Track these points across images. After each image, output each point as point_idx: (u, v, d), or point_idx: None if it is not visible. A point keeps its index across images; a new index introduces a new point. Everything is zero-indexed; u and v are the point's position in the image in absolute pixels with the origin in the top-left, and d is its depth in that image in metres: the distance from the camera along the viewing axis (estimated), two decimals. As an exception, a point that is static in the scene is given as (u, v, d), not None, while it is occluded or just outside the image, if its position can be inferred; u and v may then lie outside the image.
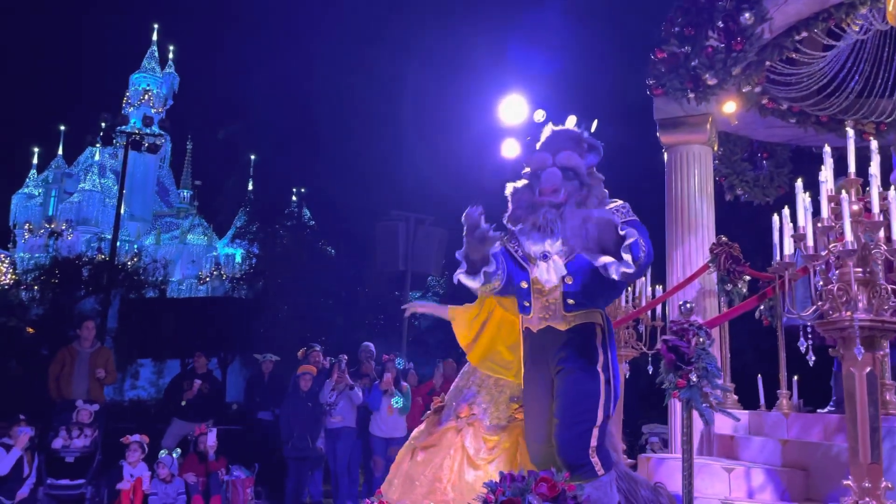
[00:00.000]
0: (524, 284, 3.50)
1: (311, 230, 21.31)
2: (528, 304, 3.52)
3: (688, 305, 3.71)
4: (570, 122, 3.57)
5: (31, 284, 20.22)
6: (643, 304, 5.56)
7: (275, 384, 8.88)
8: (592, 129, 3.55)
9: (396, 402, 7.77)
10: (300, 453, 7.65)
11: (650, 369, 4.89)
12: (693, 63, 6.09)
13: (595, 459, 3.33)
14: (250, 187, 30.43)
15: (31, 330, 17.90)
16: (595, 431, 3.33)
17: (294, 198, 24.01)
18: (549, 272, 3.37)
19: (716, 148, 6.92)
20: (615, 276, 2.98)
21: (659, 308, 5.67)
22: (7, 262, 31.39)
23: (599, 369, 3.37)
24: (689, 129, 6.53)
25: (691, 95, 6.22)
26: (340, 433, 7.91)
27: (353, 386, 7.87)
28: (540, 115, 3.62)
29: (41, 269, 20.29)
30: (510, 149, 11.85)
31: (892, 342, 3.65)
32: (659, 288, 5.73)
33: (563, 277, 3.38)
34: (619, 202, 3.46)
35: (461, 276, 3.39)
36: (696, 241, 6.38)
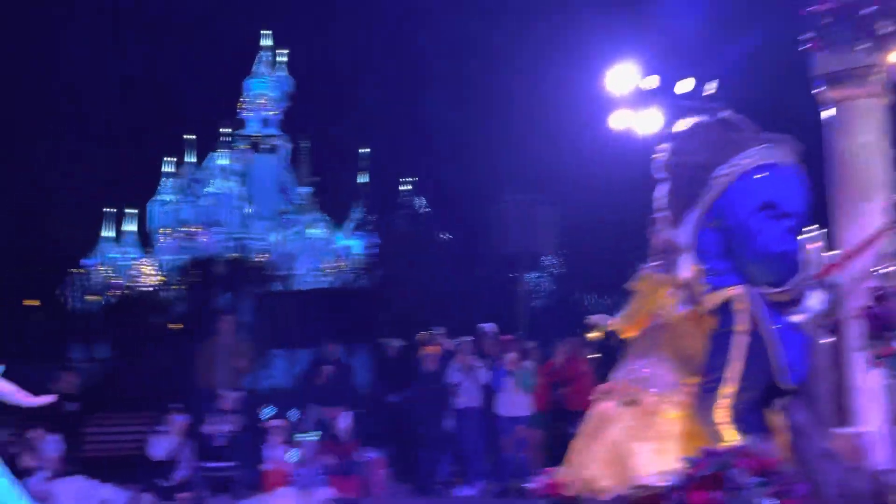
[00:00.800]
0: None
1: (426, 217, 21.64)
2: None
3: (888, 269, 3.44)
4: (686, 86, 3.42)
5: (174, 284, 21.85)
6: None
7: (401, 368, 9.11)
8: (709, 92, 3.39)
9: (520, 382, 7.76)
10: (431, 433, 7.83)
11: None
12: (865, 11, 5.55)
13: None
14: (366, 179, 31.31)
15: (175, 326, 19.36)
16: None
17: (408, 187, 24.46)
18: None
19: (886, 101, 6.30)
20: None
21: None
22: (151, 265, 34.13)
23: None
24: (856, 82, 5.96)
25: (862, 46, 5.67)
26: (466, 413, 8.01)
27: (477, 366, 7.95)
28: (650, 82, 3.52)
29: (181, 269, 21.90)
30: (619, 120, 11.40)
31: None
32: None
33: None
34: None
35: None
36: (870, 204, 5.81)
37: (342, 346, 9.88)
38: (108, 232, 36.79)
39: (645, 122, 10.82)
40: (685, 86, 9.00)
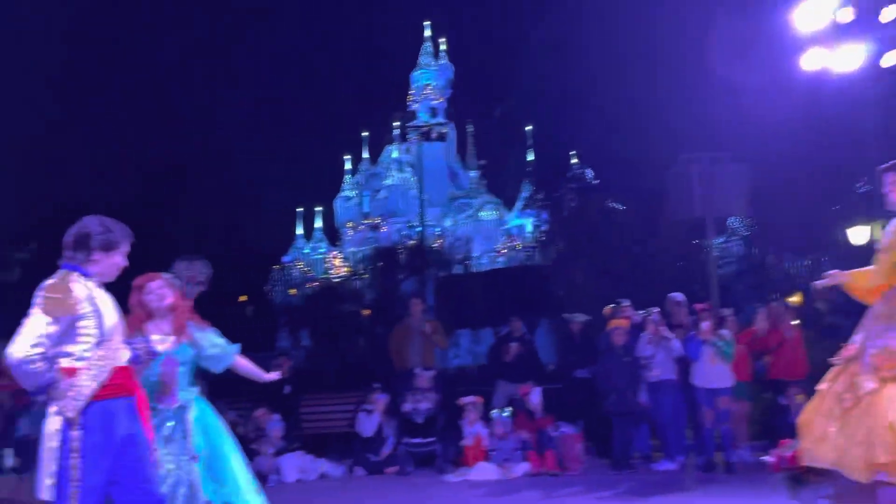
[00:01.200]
0: None
1: (596, 190, 21.13)
2: None
3: None
4: (893, 12, 3.03)
5: (362, 274, 23.25)
6: None
7: (586, 342, 9.03)
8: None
9: (719, 352, 7.38)
10: (622, 408, 7.69)
11: None
12: None
13: None
14: (531, 157, 31.21)
15: (367, 312, 20.61)
16: None
17: (575, 160, 24.02)
18: None
19: None
20: None
21: None
22: (340, 257, 36.58)
23: None
24: None
25: None
26: (661, 386, 7.77)
27: (670, 338, 7.67)
28: (846, 14, 3.15)
29: (367, 259, 23.25)
30: (812, 60, 10.37)
31: None
32: None
33: None
34: None
35: None
36: None
37: (522, 323, 9.96)
38: (300, 230, 40.01)
39: (843, 60, 9.75)
40: (892, 12, 8.00)
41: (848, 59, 9.50)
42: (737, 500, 6.06)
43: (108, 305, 3.07)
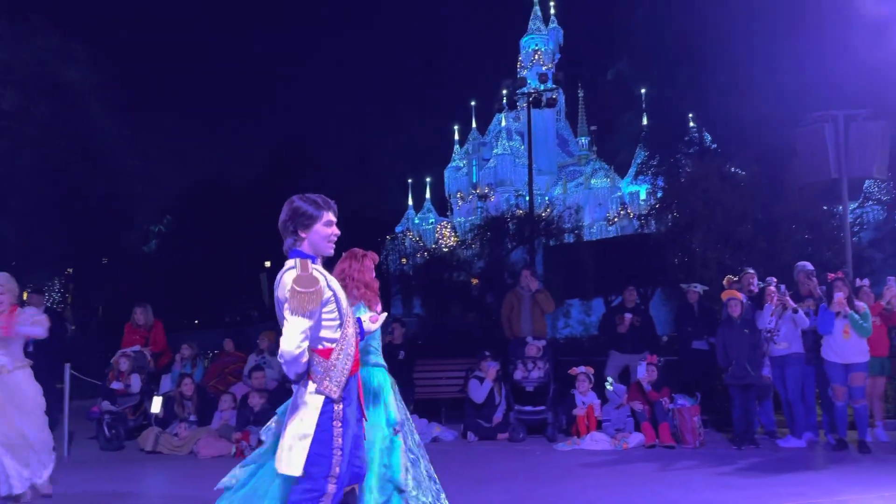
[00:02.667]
0: None
1: (714, 154, 20.10)
2: None
3: None
4: None
5: (471, 243, 23.40)
6: None
7: (704, 313, 8.71)
8: None
9: (854, 324, 6.90)
10: (741, 381, 7.38)
11: None
12: None
13: None
14: (645, 122, 30.02)
15: (475, 281, 20.78)
16: None
17: (692, 123, 22.88)
18: None
19: None
20: None
21: None
22: (449, 227, 37.02)
23: None
24: None
25: None
26: (787, 360, 7.39)
27: (796, 309, 7.25)
28: None
29: (476, 228, 23.37)
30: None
31: None
32: None
33: None
34: None
35: None
36: None
37: (639, 292, 9.73)
38: (410, 201, 40.82)
39: None
40: None
41: None
42: (869, 482, 5.69)
43: (337, 285, 3.10)
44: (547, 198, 35.48)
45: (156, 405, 8.34)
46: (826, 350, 7.12)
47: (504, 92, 21.25)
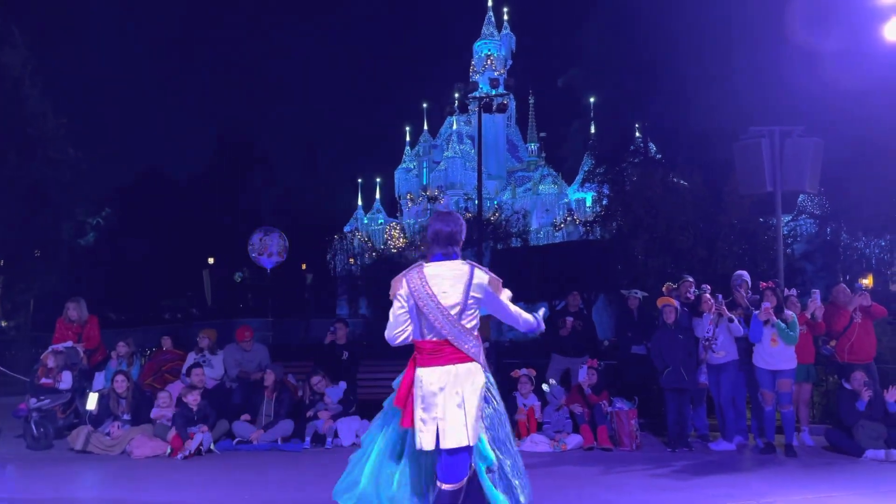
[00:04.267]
0: None
1: (659, 164, 20.62)
2: None
3: None
4: None
5: (420, 245, 23.44)
6: None
7: (644, 319, 8.91)
8: None
9: (781, 333, 7.17)
10: (675, 384, 7.58)
11: None
12: None
13: None
14: (593, 130, 30.61)
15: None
16: None
17: (638, 133, 23.44)
18: None
19: None
20: None
21: None
22: (398, 228, 36.97)
23: None
24: None
25: None
26: (724, 367, 7.65)
27: (731, 318, 7.50)
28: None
29: (425, 230, 23.41)
30: (895, 30, 9.79)
31: None
32: None
33: None
34: None
35: None
36: None
37: (582, 297, 9.88)
38: (360, 201, 40.56)
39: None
40: None
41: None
42: (795, 484, 5.93)
43: None
44: (496, 202, 35.79)
45: (91, 402, 8.05)
46: (756, 357, 7.39)
47: (456, 95, 21.34)
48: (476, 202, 23.39)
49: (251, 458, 7.44)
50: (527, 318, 3.84)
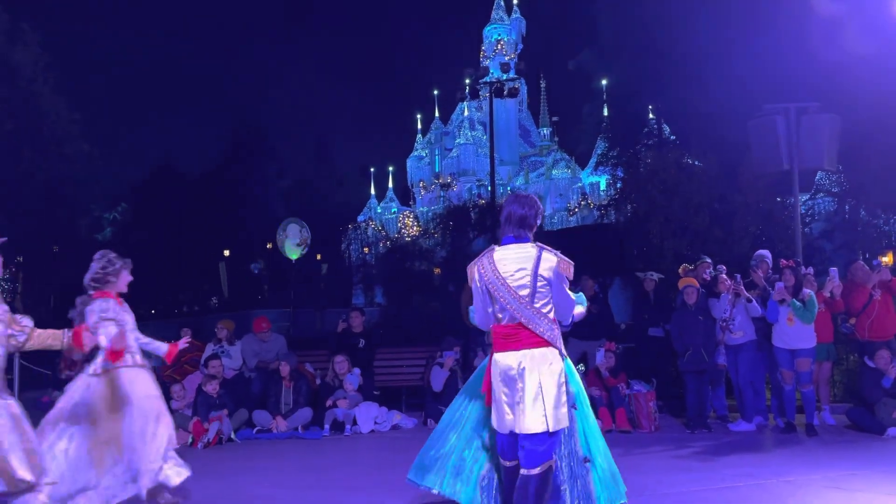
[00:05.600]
0: None
1: (673, 145, 20.44)
2: None
3: None
4: None
5: (433, 233, 23.44)
6: None
7: (660, 301, 8.87)
8: None
9: (798, 312, 7.10)
10: (696, 366, 7.55)
11: None
12: None
13: None
14: (606, 113, 30.39)
15: (438, 271, 20.82)
16: None
17: (651, 115, 23.23)
18: None
19: None
20: None
21: None
22: (412, 216, 37.00)
23: None
24: None
25: None
26: (742, 347, 7.60)
27: (749, 298, 7.44)
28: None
29: (439, 218, 23.39)
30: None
31: None
32: None
33: None
34: None
35: None
36: None
37: (596, 283, 9.84)
38: (373, 190, 40.60)
39: (949, -1, 8.96)
40: None
41: (956, -3, 8.77)
42: (815, 463, 5.89)
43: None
44: (509, 188, 35.69)
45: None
46: (774, 337, 7.33)
47: (467, 81, 21.25)
48: (489, 188, 23.33)
49: (271, 445, 7.52)
50: (580, 312, 3.85)
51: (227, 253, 29.88)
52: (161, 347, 5.19)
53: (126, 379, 4.80)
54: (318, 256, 28.91)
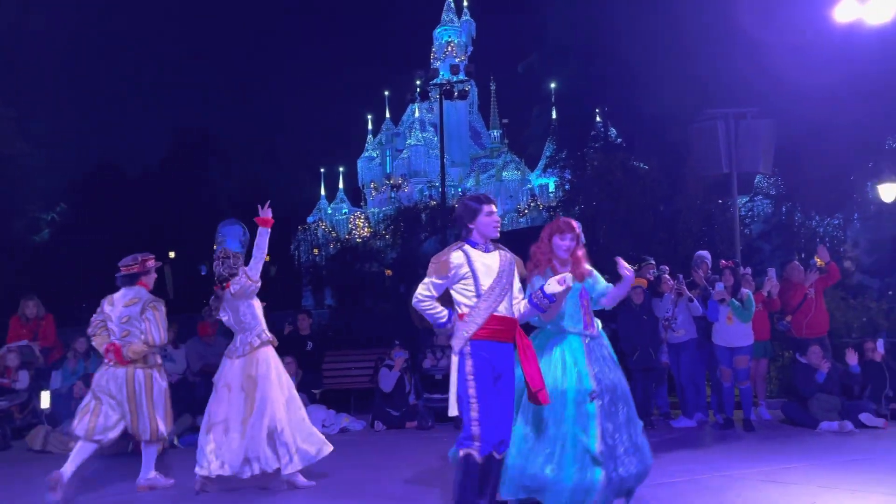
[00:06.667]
0: None
1: (619, 148, 20.84)
2: None
3: None
4: None
5: (383, 234, 23.37)
6: None
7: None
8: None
9: (737, 311, 7.34)
10: (644, 365, 7.72)
11: None
12: None
13: None
14: (554, 116, 30.80)
15: (389, 272, 20.77)
16: None
17: (598, 118, 23.64)
18: None
19: None
20: None
21: None
22: (363, 217, 36.77)
23: None
24: None
25: None
26: (684, 346, 7.80)
27: (691, 298, 7.65)
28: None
29: (389, 219, 23.32)
30: (845, 11, 10.04)
31: None
32: None
33: None
34: None
35: None
36: None
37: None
38: (323, 191, 40.18)
39: (876, 11, 9.38)
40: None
41: (882, 10, 9.17)
42: (753, 458, 6.09)
43: (488, 267, 3.77)
44: (460, 189, 35.81)
45: (44, 400, 7.87)
46: (715, 335, 7.56)
47: (417, 82, 21.24)
48: (440, 190, 23.37)
49: (216, 452, 7.35)
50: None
51: (172, 254, 29.16)
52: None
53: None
54: (267, 258, 28.46)
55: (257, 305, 5.53)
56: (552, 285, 3.70)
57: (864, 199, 16.40)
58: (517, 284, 3.89)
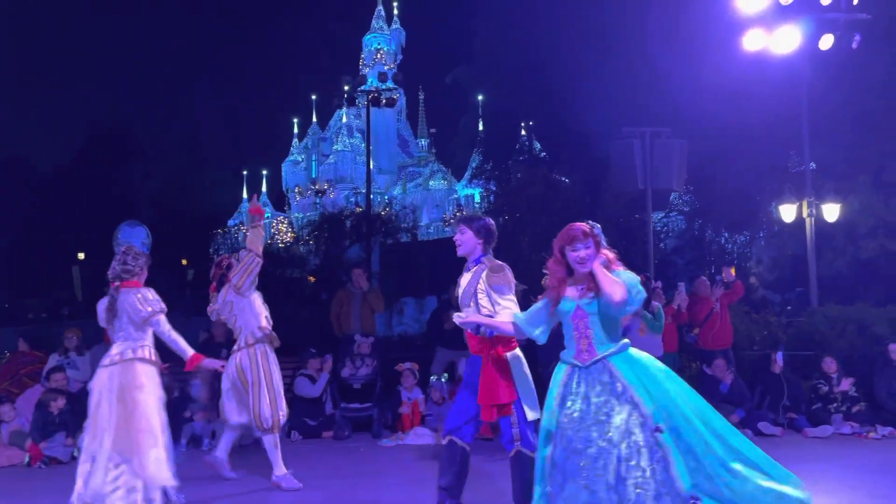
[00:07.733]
0: None
1: (543, 161, 21.31)
2: None
3: None
4: None
5: (307, 239, 22.98)
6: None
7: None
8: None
9: (648, 323, 7.61)
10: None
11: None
12: None
13: None
14: (481, 127, 31.21)
15: (311, 278, 20.41)
16: None
17: (523, 132, 24.11)
18: None
19: None
20: None
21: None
22: (286, 222, 36.11)
23: None
24: None
25: None
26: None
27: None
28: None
29: (313, 225, 22.95)
30: (753, 40, 10.60)
31: None
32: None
33: None
34: None
35: None
36: None
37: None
38: (245, 194, 39.25)
39: (782, 42, 9.98)
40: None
41: (787, 40, 9.79)
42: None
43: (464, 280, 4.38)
44: (386, 197, 35.71)
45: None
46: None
47: (345, 88, 21.09)
48: (366, 196, 23.24)
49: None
50: None
51: (81, 256, 27.81)
52: None
53: None
54: (185, 262, 27.55)
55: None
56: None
57: (769, 219, 17.36)
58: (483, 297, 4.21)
